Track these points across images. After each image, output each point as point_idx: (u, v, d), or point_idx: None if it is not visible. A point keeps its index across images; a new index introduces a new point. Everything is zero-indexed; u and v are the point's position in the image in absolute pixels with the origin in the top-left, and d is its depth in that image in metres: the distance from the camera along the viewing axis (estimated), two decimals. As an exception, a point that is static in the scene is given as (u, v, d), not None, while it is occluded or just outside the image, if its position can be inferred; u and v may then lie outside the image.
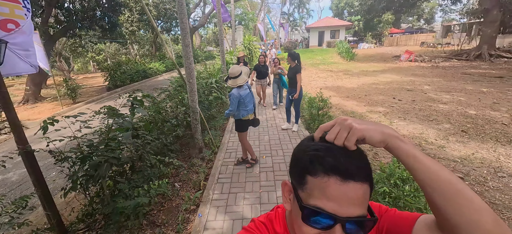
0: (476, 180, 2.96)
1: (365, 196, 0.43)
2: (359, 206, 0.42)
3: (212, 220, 2.44)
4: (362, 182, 0.42)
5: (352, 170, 0.42)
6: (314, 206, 0.43)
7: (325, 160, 0.43)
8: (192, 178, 3.20)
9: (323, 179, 0.43)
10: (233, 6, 11.36)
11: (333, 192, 0.42)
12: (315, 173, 0.44)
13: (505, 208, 2.50)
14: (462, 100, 6.64)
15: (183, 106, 4.07)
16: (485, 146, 3.82)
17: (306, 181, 0.45)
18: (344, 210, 0.41)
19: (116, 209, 1.90)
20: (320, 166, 0.43)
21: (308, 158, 0.46)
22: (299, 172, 0.47)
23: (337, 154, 0.43)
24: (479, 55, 15.39)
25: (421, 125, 4.84)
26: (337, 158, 0.43)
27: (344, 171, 0.42)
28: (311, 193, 0.44)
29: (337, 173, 0.42)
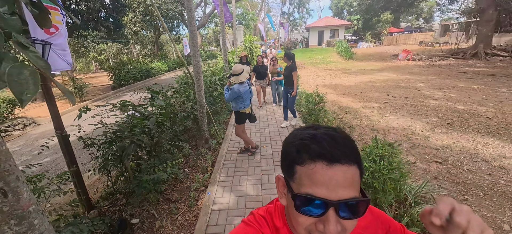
0: (453, 164, 3.34)
1: (354, 177, 0.44)
2: (349, 188, 0.43)
3: (219, 197, 2.83)
4: (349, 164, 0.43)
5: (337, 153, 0.43)
6: (304, 193, 0.43)
7: (311, 148, 0.44)
8: (200, 164, 3.59)
9: (310, 166, 0.43)
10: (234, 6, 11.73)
11: (320, 177, 0.42)
12: (302, 162, 0.45)
13: (474, 186, 2.88)
14: (453, 97, 7.01)
15: (189, 102, 4.46)
16: (466, 136, 4.20)
17: (295, 171, 0.46)
18: (334, 194, 0.42)
19: (141, 182, 2.29)
20: (307, 154, 0.44)
21: (295, 148, 0.47)
22: (288, 163, 0.48)
23: (322, 140, 0.44)
24: (475, 53, 15.73)
25: (410, 119, 5.23)
26: (321, 144, 0.44)
27: (329, 155, 0.43)
28: (301, 182, 0.45)
29: (322, 158, 0.43)
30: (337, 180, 0.42)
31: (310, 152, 0.44)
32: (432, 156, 3.60)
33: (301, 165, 0.45)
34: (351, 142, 0.47)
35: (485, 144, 3.86)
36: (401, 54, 17.34)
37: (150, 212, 2.60)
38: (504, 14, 15.56)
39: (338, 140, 0.45)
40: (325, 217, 0.43)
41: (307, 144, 0.45)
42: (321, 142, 0.44)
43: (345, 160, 0.43)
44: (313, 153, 0.44)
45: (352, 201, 0.42)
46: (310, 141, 0.45)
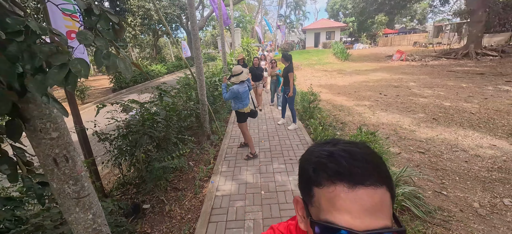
0: (434, 154, 3.67)
1: (384, 202, 0.37)
2: (378, 216, 0.36)
3: (222, 185, 3.13)
4: (375, 186, 0.36)
5: (359, 173, 0.37)
6: (324, 220, 0.38)
7: (328, 167, 0.39)
8: (203, 157, 3.89)
9: (329, 189, 0.38)
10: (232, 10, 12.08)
11: (342, 202, 0.36)
12: (320, 183, 0.39)
13: (452, 172, 3.21)
14: (441, 95, 7.38)
15: (191, 101, 4.76)
16: (449, 129, 4.55)
17: (313, 193, 0.41)
18: (360, 222, 0.35)
19: (153, 169, 2.58)
20: (324, 174, 0.39)
21: (311, 167, 0.42)
22: (305, 184, 0.43)
23: (341, 158, 0.39)
24: (467, 54, 16.24)
25: (399, 115, 5.57)
26: (340, 163, 0.38)
27: (349, 175, 0.37)
28: (320, 206, 0.39)
29: (343, 179, 0.37)
30: (362, 206, 0.36)
31: (328, 171, 0.39)
32: (416, 147, 3.93)
33: (319, 187, 0.39)
34: (377, 159, 0.40)
35: (465, 136, 4.20)
36: (395, 55, 17.81)
37: (160, 198, 2.88)
38: (493, 15, 16.06)
39: (360, 157, 0.39)
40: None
41: (324, 162, 0.40)
42: (340, 160, 0.39)
43: (371, 180, 0.37)
44: (330, 172, 0.38)
45: (383, 231, 0.35)
46: (327, 159, 0.40)
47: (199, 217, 2.59)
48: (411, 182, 2.85)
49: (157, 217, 2.67)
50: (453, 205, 2.63)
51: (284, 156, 3.84)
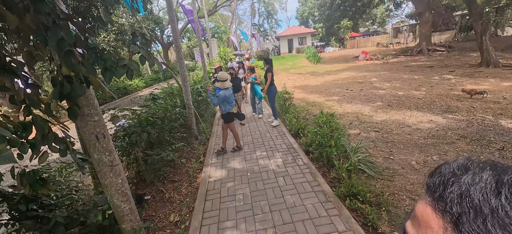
0: (386, 131, 4.51)
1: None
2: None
3: (213, 173, 3.61)
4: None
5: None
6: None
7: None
8: (194, 154, 4.33)
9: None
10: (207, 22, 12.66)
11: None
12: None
13: (398, 142, 4.03)
14: (397, 86, 8.56)
15: (176, 107, 5.17)
16: (399, 112, 5.49)
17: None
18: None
19: (153, 160, 3.00)
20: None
21: (489, 224, 0.24)
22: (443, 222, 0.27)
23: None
24: (420, 50, 18.44)
25: (361, 105, 6.48)
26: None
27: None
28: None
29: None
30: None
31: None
32: (373, 127, 4.76)
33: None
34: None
35: (411, 116, 5.15)
36: (361, 55, 19.57)
37: (159, 189, 3.28)
38: (438, 16, 18.52)
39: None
40: None
41: (502, 215, 0.24)
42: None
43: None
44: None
45: None
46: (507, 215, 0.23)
47: (196, 198, 3.05)
48: (366, 152, 3.59)
49: (159, 203, 3.07)
50: (397, 165, 3.39)
51: (265, 145, 4.42)
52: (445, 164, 0.32)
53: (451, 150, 3.57)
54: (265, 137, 4.85)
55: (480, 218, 0.25)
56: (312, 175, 3.24)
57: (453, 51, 17.50)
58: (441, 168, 0.32)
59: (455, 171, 0.30)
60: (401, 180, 3.03)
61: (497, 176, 0.26)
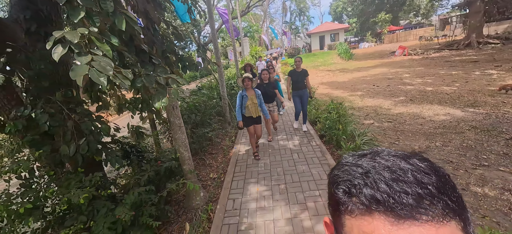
0: (399, 122, 4.91)
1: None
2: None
3: (242, 149, 4.56)
4: (437, 223, 0.25)
5: (408, 202, 0.26)
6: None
7: (363, 191, 0.29)
8: (227, 136, 5.36)
9: (364, 221, 0.28)
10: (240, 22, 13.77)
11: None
12: (352, 211, 0.30)
13: (408, 132, 4.44)
14: (429, 82, 8.44)
15: (214, 99, 6.28)
16: (419, 106, 5.72)
17: (344, 222, 0.31)
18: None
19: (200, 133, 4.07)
20: (358, 200, 0.29)
21: (341, 189, 0.32)
22: (334, 208, 0.34)
23: (380, 179, 0.29)
24: (469, 43, 16.84)
25: (383, 99, 6.78)
26: (379, 185, 0.28)
27: (393, 205, 0.26)
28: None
29: (384, 210, 0.27)
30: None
31: (363, 197, 0.29)
32: (387, 119, 5.18)
33: (352, 215, 0.30)
34: (440, 178, 0.29)
35: (429, 109, 5.38)
36: (397, 50, 18.69)
37: (201, 157, 4.36)
38: (492, 4, 16.62)
39: (411, 176, 0.28)
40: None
41: (357, 184, 0.30)
42: (379, 182, 0.28)
43: (428, 213, 0.26)
44: (367, 199, 0.28)
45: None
46: (362, 179, 0.30)
47: (229, 164, 4.03)
48: (373, 136, 4.14)
49: (202, 167, 4.13)
50: (400, 149, 3.88)
51: (285, 131, 5.22)
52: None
53: (457, 139, 3.90)
54: (286, 124, 5.64)
55: (339, 165, 0.36)
56: (322, 153, 3.95)
57: (510, 43, 15.60)
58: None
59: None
60: (400, 160, 3.55)
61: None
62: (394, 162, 0.30)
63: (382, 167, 0.30)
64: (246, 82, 3.71)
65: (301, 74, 4.71)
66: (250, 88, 3.81)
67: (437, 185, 0.28)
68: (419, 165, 0.30)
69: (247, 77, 3.72)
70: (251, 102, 3.79)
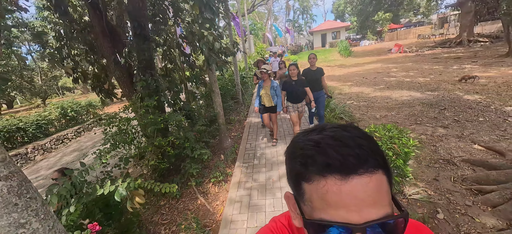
0: (372, 101, 6.54)
1: (382, 188, 0.35)
2: (377, 204, 0.34)
3: (253, 121, 6.24)
4: (371, 172, 0.35)
5: (350, 161, 0.35)
6: (319, 219, 0.36)
7: (315, 159, 0.36)
8: (241, 112, 7.04)
9: (320, 183, 0.36)
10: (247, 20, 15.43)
11: (335, 197, 0.34)
12: (309, 178, 0.37)
13: (376, 107, 6.06)
14: (410, 74, 10.01)
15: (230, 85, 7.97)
16: (391, 91, 7.34)
17: (303, 190, 0.39)
18: (357, 216, 0.34)
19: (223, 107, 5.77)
20: (313, 168, 0.36)
21: (298, 161, 0.39)
22: (293, 180, 0.41)
23: (328, 147, 0.36)
24: (460, 42, 18.25)
25: (366, 87, 8.40)
26: (328, 152, 0.36)
27: (340, 165, 0.35)
28: (312, 204, 0.37)
29: (333, 171, 0.35)
30: (357, 197, 0.34)
31: (316, 165, 0.36)
32: (364, 100, 6.81)
33: (309, 182, 0.37)
34: (369, 140, 0.38)
35: (397, 93, 7.00)
36: (393, 48, 20.15)
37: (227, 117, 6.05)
38: (482, 5, 17.95)
39: (350, 142, 0.36)
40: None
41: (311, 154, 0.37)
42: (328, 150, 0.36)
43: (364, 167, 0.35)
44: (319, 165, 0.36)
45: (384, 222, 0.34)
46: (314, 150, 0.37)
47: (244, 130, 5.71)
48: (349, 110, 5.78)
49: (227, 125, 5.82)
50: (367, 117, 5.52)
51: (286, 109, 6.88)
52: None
53: (407, 110, 5.53)
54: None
55: (292, 142, 0.43)
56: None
57: (499, 41, 16.97)
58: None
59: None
60: (364, 123, 5.20)
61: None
62: (336, 132, 0.38)
63: (328, 138, 0.37)
64: (263, 74, 4.09)
65: (316, 73, 4.34)
66: (267, 80, 4.16)
67: (369, 146, 0.36)
68: (354, 132, 0.38)
69: (264, 70, 4.08)
70: (265, 93, 4.17)
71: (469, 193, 2.68)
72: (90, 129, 10.16)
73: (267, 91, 4.16)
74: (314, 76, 4.34)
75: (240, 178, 3.56)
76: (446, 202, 2.60)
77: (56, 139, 8.58)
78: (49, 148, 8.24)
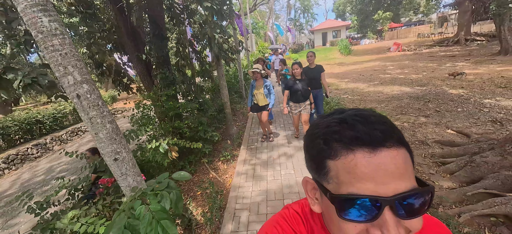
0: (365, 95, 7.12)
1: (407, 163, 0.36)
2: (405, 178, 0.35)
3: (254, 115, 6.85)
4: (397, 147, 0.36)
5: (378, 135, 0.35)
6: (347, 194, 0.36)
7: (343, 134, 0.37)
8: (243, 106, 7.65)
9: (348, 158, 0.36)
10: (249, 19, 16.00)
11: (365, 169, 0.35)
12: (335, 155, 0.37)
13: (368, 100, 6.64)
14: (405, 72, 10.56)
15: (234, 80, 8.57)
16: (384, 87, 7.92)
17: (328, 168, 0.38)
18: (386, 188, 0.34)
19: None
20: (339, 144, 0.37)
21: (321, 140, 0.39)
22: (316, 160, 0.41)
23: (355, 122, 0.37)
24: (457, 40, 18.74)
25: (361, 83, 8.98)
26: (356, 127, 0.37)
27: (369, 139, 0.35)
28: (339, 180, 0.37)
29: (362, 144, 0.35)
30: (386, 170, 0.34)
31: (343, 139, 0.37)
32: (358, 94, 7.40)
33: (335, 159, 0.37)
34: (390, 121, 0.39)
35: (389, 88, 7.58)
36: (392, 47, 20.66)
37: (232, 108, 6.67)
38: (479, 4, 18.41)
39: (374, 119, 0.37)
40: (381, 221, 0.35)
41: (337, 130, 0.38)
42: (355, 125, 0.37)
43: (391, 141, 0.36)
44: (347, 139, 0.36)
45: (412, 194, 0.35)
46: (340, 126, 0.38)
47: (247, 119, 6.32)
48: (342, 104, 6.37)
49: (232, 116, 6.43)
50: (359, 109, 6.11)
51: (286, 103, 7.48)
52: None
53: (396, 102, 6.11)
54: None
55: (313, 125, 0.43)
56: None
57: (495, 40, 17.43)
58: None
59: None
60: (356, 114, 5.80)
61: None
62: (357, 112, 0.39)
63: (352, 115, 0.38)
64: (255, 74, 4.19)
65: (315, 71, 4.37)
66: (260, 79, 4.27)
67: (389, 123, 0.38)
68: (373, 112, 0.39)
69: (257, 70, 4.17)
70: (258, 91, 4.29)
71: (434, 165, 3.28)
72: (101, 123, 10.82)
73: (260, 91, 4.25)
74: (312, 74, 4.38)
75: (245, 157, 4.18)
76: (415, 171, 3.20)
77: (71, 131, 9.24)
78: (65, 139, 8.90)
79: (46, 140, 8.25)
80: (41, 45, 1.30)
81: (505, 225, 2.19)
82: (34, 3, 1.24)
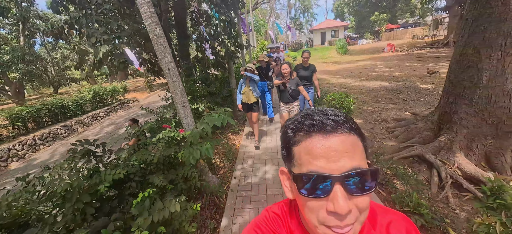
0: (351, 88, 8.43)
1: (356, 146, 0.45)
2: (352, 158, 0.43)
3: (256, 100, 8.14)
4: (347, 133, 0.45)
5: (330, 123, 0.45)
6: (305, 172, 0.44)
7: (304, 124, 0.47)
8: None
9: (306, 142, 0.46)
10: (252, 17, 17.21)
11: (318, 149, 0.44)
12: (298, 141, 0.47)
13: (353, 92, 7.95)
14: (391, 70, 11.87)
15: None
16: (368, 82, 9.23)
17: (293, 153, 0.48)
18: (335, 166, 0.42)
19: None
20: (301, 132, 0.47)
21: (290, 131, 0.50)
22: (286, 149, 0.51)
23: (314, 114, 0.48)
24: (447, 43, 20.09)
25: (350, 79, 10.29)
26: (314, 118, 0.47)
27: (322, 125, 0.45)
28: (300, 161, 0.46)
29: (317, 130, 0.45)
30: (336, 149, 0.43)
31: (304, 127, 0.47)
32: (345, 87, 8.71)
33: (298, 144, 0.47)
34: (347, 116, 0.48)
35: (372, 83, 8.89)
36: (386, 47, 21.98)
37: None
38: (468, 10, 19.74)
39: (331, 113, 0.48)
40: (333, 195, 0.42)
41: (301, 121, 0.48)
42: (314, 116, 0.47)
43: (342, 128, 0.45)
44: (307, 127, 0.46)
45: (359, 172, 0.42)
46: (303, 119, 0.48)
47: (250, 105, 7.61)
48: (330, 93, 7.68)
49: (235, 107, 7.72)
50: (343, 98, 7.42)
51: (283, 94, 8.78)
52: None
53: (373, 94, 7.42)
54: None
55: (286, 122, 0.53)
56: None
57: (481, 43, 18.78)
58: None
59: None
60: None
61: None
62: (321, 109, 0.50)
63: (315, 110, 0.50)
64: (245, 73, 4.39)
65: (307, 70, 4.59)
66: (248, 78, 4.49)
67: (345, 116, 0.48)
68: (334, 110, 0.49)
69: (245, 69, 4.46)
70: (247, 89, 4.46)
71: (387, 133, 4.60)
72: (116, 110, 12.08)
73: (250, 88, 4.44)
74: (304, 73, 4.56)
75: (249, 130, 5.47)
76: (373, 137, 4.51)
77: (91, 116, 10.49)
78: (87, 123, 10.15)
79: (72, 123, 9.50)
80: (154, 42, 2.59)
81: (417, 162, 3.51)
82: (153, 20, 2.53)
